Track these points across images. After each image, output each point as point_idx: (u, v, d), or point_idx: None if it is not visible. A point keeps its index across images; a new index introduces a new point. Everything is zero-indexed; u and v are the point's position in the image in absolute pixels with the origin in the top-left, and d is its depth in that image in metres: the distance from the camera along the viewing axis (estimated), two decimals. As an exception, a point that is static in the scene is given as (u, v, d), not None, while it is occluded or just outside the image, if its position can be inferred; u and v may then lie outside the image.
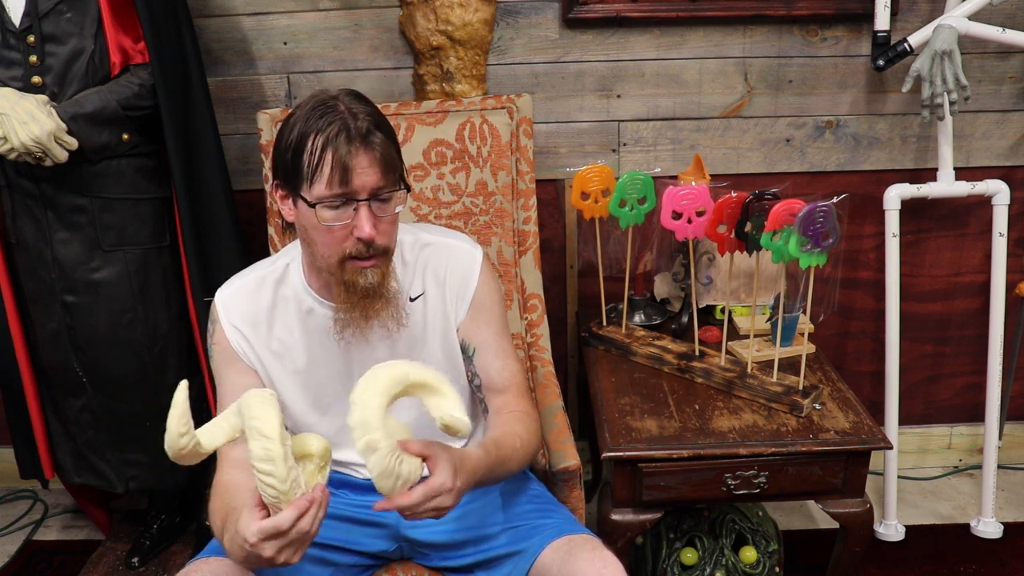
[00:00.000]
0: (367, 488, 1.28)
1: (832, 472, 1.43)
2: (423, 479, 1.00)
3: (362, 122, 1.06)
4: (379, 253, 1.11)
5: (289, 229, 1.17)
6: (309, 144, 1.05)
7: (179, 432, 0.94)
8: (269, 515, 0.95)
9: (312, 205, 1.07)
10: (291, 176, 1.08)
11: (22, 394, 1.75)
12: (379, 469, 0.93)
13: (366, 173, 1.06)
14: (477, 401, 1.30)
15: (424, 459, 1.00)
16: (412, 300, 1.23)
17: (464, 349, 1.26)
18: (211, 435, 0.99)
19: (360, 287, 1.12)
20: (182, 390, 0.95)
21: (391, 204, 1.10)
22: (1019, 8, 1.84)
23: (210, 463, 1.83)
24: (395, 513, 1.26)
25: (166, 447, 0.95)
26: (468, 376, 1.27)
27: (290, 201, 1.12)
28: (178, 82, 1.60)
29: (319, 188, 1.06)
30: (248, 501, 0.99)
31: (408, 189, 1.13)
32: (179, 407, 0.94)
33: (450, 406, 0.99)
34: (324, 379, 1.24)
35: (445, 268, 1.24)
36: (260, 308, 1.21)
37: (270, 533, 0.94)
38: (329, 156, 1.04)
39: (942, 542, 1.95)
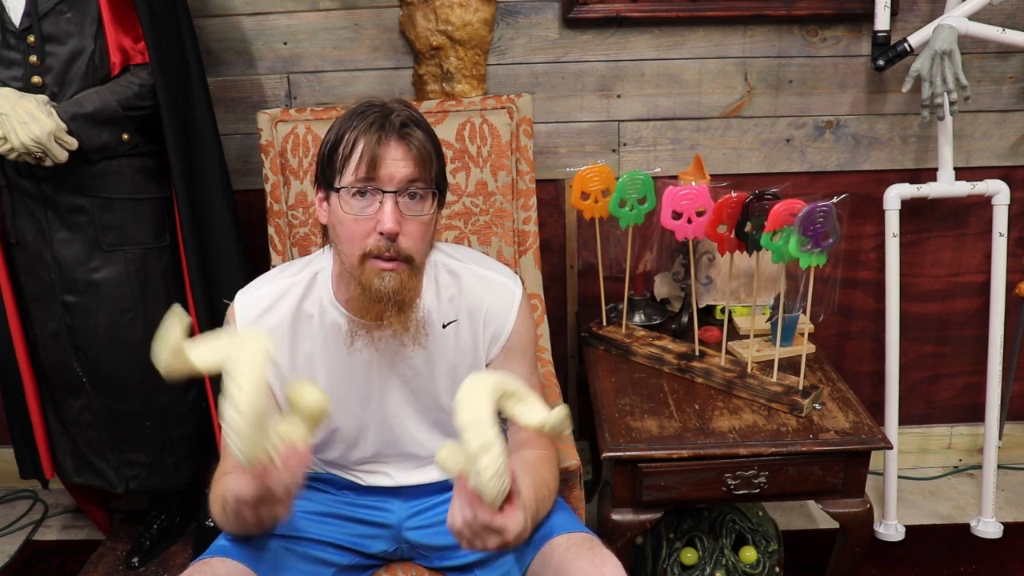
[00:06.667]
0: (369, 490, 1.28)
1: (832, 472, 1.43)
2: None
3: (400, 116, 1.06)
4: (402, 258, 1.08)
5: (326, 237, 1.15)
6: (345, 137, 1.06)
7: (174, 353, 0.88)
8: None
9: (338, 190, 1.06)
10: (326, 171, 1.08)
11: (22, 394, 1.75)
12: (493, 468, 0.86)
13: (396, 164, 1.05)
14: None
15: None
16: (444, 327, 1.19)
17: None
18: (201, 358, 0.91)
19: (375, 290, 1.08)
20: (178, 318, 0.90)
21: (422, 205, 1.08)
22: (1019, 8, 1.85)
23: (211, 462, 1.85)
24: (398, 514, 1.27)
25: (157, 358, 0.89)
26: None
27: (326, 203, 1.11)
28: (178, 82, 1.60)
29: (347, 176, 1.06)
30: (237, 463, 0.96)
31: (442, 193, 1.10)
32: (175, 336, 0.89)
33: (543, 412, 0.96)
34: (343, 396, 1.21)
35: (482, 303, 1.20)
36: (281, 321, 1.18)
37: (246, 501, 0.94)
38: (361, 144, 1.05)
39: (942, 542, 1.95)
